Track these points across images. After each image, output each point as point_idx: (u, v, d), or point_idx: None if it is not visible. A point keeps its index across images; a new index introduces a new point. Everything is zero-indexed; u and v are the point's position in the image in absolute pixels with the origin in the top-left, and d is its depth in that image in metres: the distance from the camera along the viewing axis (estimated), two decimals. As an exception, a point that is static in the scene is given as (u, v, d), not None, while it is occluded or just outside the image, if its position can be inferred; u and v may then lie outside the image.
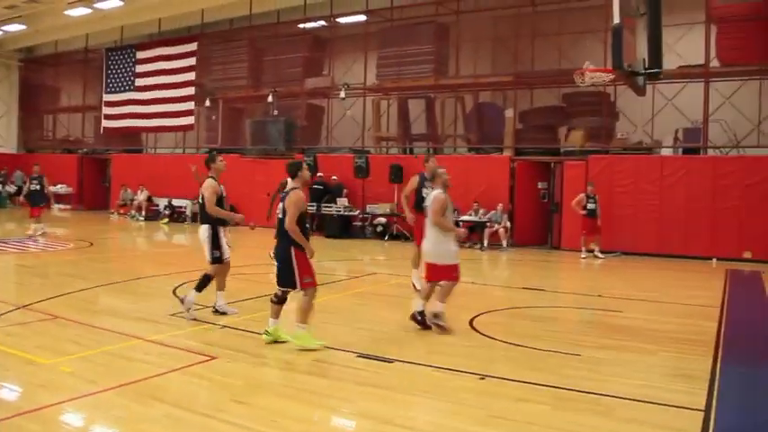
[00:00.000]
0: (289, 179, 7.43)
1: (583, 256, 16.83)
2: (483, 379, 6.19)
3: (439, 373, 6.40)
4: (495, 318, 9.35)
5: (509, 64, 20.72)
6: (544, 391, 5.88)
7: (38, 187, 19.14)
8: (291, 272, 7.11)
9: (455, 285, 8.20)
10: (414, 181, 10.79)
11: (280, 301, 7.31)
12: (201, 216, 8.88)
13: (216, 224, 8.66)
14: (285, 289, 7.29)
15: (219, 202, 8.60)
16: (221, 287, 8.84)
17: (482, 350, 7.76)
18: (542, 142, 20.09)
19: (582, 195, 17.03)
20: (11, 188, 31.85)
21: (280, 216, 7.21)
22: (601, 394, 5.79)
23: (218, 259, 8.66)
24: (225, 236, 8.78)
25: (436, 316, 8.04)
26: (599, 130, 19.02)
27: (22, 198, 19.53)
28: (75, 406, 5.30)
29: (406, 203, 10.91)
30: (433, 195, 8.27)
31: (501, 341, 7.82)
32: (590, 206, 16.82)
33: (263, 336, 7.26)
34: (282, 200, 7.23)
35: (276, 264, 7.30)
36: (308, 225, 7.32)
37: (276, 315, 7.31)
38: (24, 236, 18.28)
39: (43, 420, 4.96)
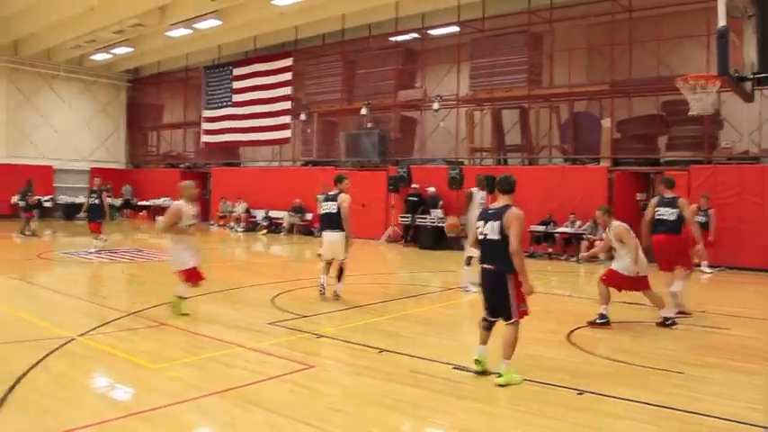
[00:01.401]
0: (498, 195, 6.81)
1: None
2: (581, 394, 6.07)
3: (536, 387, 6.31)
4: (593, 332, 9.15)
5: (605, 72, 20.27)
6: (645, 409, 5.71)
7: (96, 201, 18.34)
8: (507, 299, 6.41)
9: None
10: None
11: (489, 327, 6.71)
12: (334, 223, 10.68)
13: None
14: (496, 319, 6.65)
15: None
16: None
17: (580, 365, 7.60)
18: (641, 152, 19.49)
19: (694, 206, 16.39)
20: (117, 201, 33.56)
21: (489, 236, 6.47)
22: (704, 415, 5.59)
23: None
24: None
25: None
26: (701, 138, 18.31)
27: (83, 213, 18.80)
28: (179, 409, 5.54)
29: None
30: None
31: (600, 356, 7.66)
32: (699, 219, 16.13)
33: (474, 365, 6.64)
34: (492, 216, 6.51)
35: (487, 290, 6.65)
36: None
37: (485, 342, 6.69)
38: (128, 246, 19.07)
39: (151, 422, 5.22)
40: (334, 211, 10.72)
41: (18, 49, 31.05)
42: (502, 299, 6.43)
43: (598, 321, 9.39)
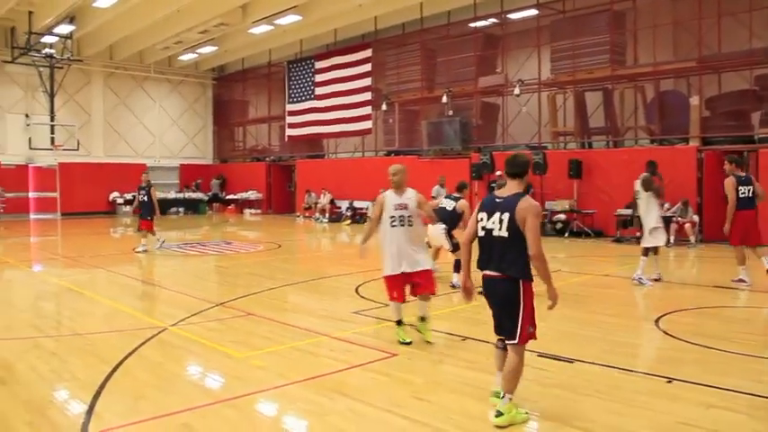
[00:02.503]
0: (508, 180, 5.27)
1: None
2: (670, 382, 5.90)
3: (622, 375, 6.18)
4: (682, 317, 8.87)
5: (692, 48, 19.46)
6: (738, 397, 5.50)
7: (145, 198, 16.81)
8: (515, 315, 5.10)
9: None
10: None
11: (506, 347, 5.33)
12: (444, 218, 10.73)
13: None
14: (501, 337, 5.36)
15: None
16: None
17: (669, 351, 7.40)
18: (733, 130, 18.67)
19: None
20: (205, 195, 34.73)
21: (499, 232, 5.05)
22: (804, 403, 5.34)
23: (456, 246, 10.51)
24: None
25: None
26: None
27: (134, 207, 17.26)
28: (265, 397, 5.72)
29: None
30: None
31: (689, 342, 7.40)
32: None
33: (491, 398, 5.33)
34: (500, 207, 5.06)
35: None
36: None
37: (502, 367, 5.33)
38: (217, 239, 19.62)
39: (239, 408, 5.40)
40: (450, 209, 11.04)
41: (112, 54, 32.51)
42: (509, 314, 5.10)
43: None
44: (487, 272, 5.12)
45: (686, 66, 19.52)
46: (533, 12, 22.78)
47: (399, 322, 7.36)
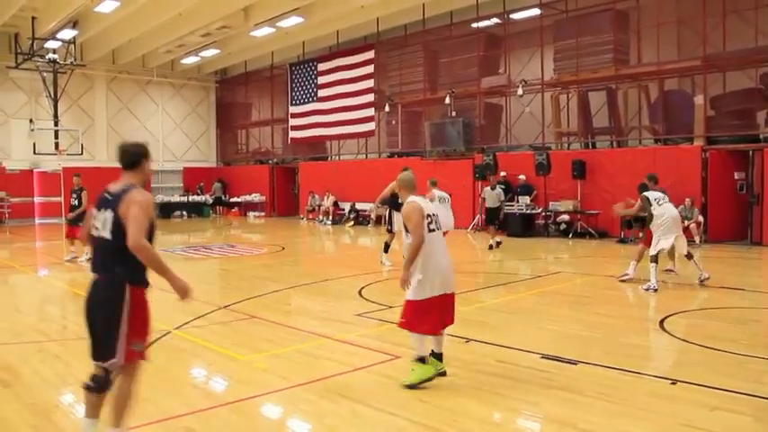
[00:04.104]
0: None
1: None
2: (674, 384, 5.89)
3: (626, 377, 6.16)
4: (687, 319, 8.85)
5: (696, 46, 19.39)
6: (743, 399, 5.48)
7: (75, 203, 15.31)
8: (113, 329, 4.25)
9: None
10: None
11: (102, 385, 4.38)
12: None
13: None
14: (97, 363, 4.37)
15: None
16: None
17: (673, 353, 7.39)
18: (738, 129, 18.60)
19: None
20: (209, 198, 34.89)
21: (101, 233, 4.35)
22: (809, 404, 5.32)
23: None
24: None
25: None
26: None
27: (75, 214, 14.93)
28: (268, 399, 5.73)
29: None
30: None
31: (694, 344, 7.38)
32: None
33: None
34: (110, 205, 4.34)
35: None
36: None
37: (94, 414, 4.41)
38: (221, 242, 19.63)
39: (242, 411, 5.41)
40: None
41: (115, 59, 32.60)
42: (106, 326, 4.25)
43: None
44: (94, 275, 4.39)
45: (691, 65, 19.45)
46: (536, 11, 22.74)
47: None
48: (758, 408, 5.33)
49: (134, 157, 4.52)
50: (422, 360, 5.94)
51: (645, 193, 11.21)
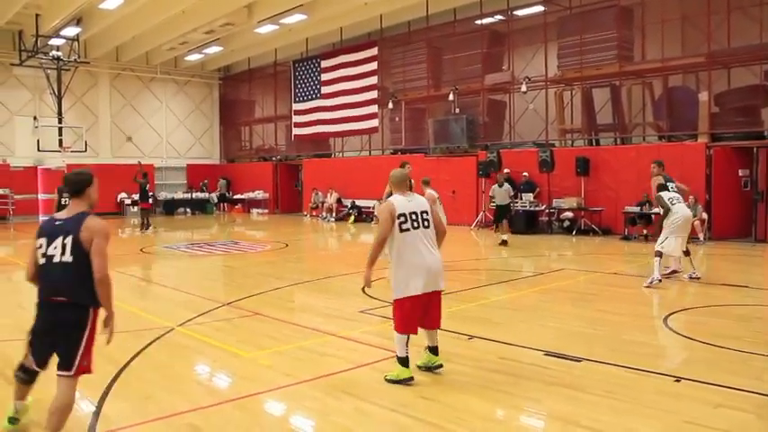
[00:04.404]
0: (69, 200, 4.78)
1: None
2: (678, 381, 5.87)
3: (630, 374, 6.15)
4: (691, 316, 8.84)
5: (701, 43, 19.33)
6: (746, 397, 5.46)
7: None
8: (77, 344, 4.50)
9: None
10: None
11: (29, 380, 4.89)
12: None
13: None
14: (38, 369, 4.74)
15: None
16: None
17: (677, 350, 7.38)
18: (742, 126, 18.54)
19: None
20: (213, 195, 34.94)
21: (60, 258, 4.48)
22: (813, 402, 5.30)
23: None
24: None
25: None
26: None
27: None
28: (272, 396, 5.73)
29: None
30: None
31: (698, 341, 7.36)
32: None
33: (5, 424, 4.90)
34: (64, 231, 4.51)
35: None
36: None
37: (22, 397, 4.96)
38: (224, 239, 19.62)
39: (245, 408, 5.41)
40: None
41: (119, 56, 32.62)
42: (69, 343, 4.49)
43: None
44: (51, 298, 4.49)
45: (695, 61, 19.39)
46: (540, 8, 22.71)
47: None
48: (761, 405, 5.31)
49: (79, 185, 4.71)
50: (400, 360, 5.92)
51: (660, 193, 11.19)
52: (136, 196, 29.83)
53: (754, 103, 18.59)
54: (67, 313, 4.48)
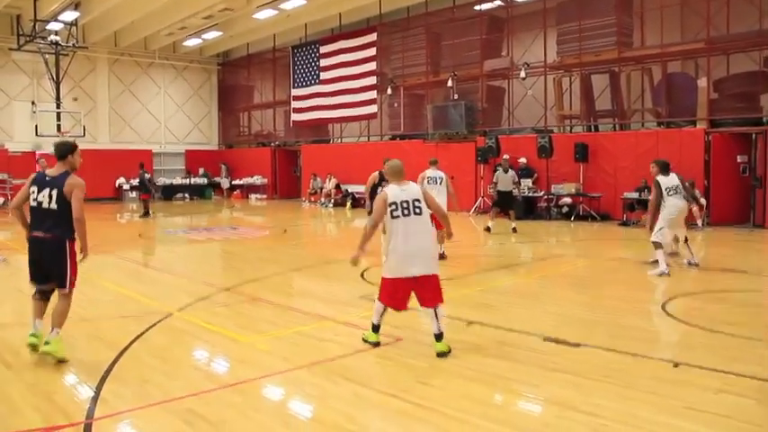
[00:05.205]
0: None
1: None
2: (677, 367, 5.88)
3: (629, 359, 6.15)
4: (690, 302, 8.84)
5: (700, 29, 19.26)
6: (747, 382, 5.46)
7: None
8: (64, 268, 6.15)
9: None
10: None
11: (45, 298, 6.42)
12: None
13: None
14: (48, 286, 6.33)
15: None
16: None
17: (676, 336, 7.39)
18: (741, 112, 18.52)
19: None
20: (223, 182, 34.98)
21: (47, 205, 6.09)
22: (812, 388, 5.31)
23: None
24: None
25: None
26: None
27: None
28: (270, 381, 5.73)
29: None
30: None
31: (697, 327, 7.38)
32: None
33: (29, 338, 6.25)
34: (51, 185, 6.10)
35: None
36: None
37: (40, 315, 6.36)
38: (223, 225, 19.60)
39: (244, 393, 5.41)
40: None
41: (117, 41, 32.45)
42: (59, 268, 6.13)
43: None
44: (37, 233, 6.15)
45: (694, 47, 19.34)
46: (539, -6, 22.61)
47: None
48: (761, 390, 5.32)
49: (64, 151, 6.23)
50: (372, 326, 6.68)
51: (658, 178, 10.94)
52: (134, 182, 29.99)
53: (753, 89, 18.55)
54: (50, 245, 6.13)
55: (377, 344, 6.62)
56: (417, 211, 6.46)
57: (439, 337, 6.36)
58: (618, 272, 11.56)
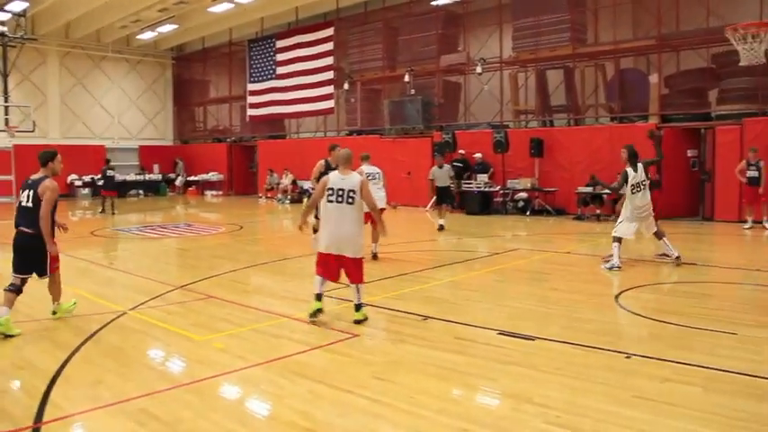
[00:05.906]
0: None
1: (746, 226, 15.88)
2: (629, 358, 5.99)
3: (582, 351, 6.25)
4: (641, 294, 9.01)
5: (651, 26, 19.65)
6: (695, 371, 5.60)
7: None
8: (42, 259, 7.23)
9: None
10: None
11: (17, 289, 7.26)
12: None
13: None
14: (27, 276, 7.33)
15: None
16: None
17: (628, 328, 7.54)
18: (691, 107, 18.93)
19: (743, 162, 16.02)
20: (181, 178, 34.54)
21: (27, 203, 7.20)
22: (758, 377, 5.45)
23: None
24: None
25: None
26: (754, 90, 17.62)
27: None
28: (226, 380, 5.67)
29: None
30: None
31: (648, 318, 7.54)
32: (750, 173, 15.78)
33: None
34: (31, 187, 7.24)
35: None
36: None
37: (9, 304, 7.10)
38: (178, 222, 19.30)
39: (199, 392, 5.35)
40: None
41: (69, 33, 31.65)
42: (37, 259, 7.22)
43: None
44: (21, 228, 7.24)
45: (646, 44, 19.72)
46: (495, -10, 22.74)
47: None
48: (709, 378, 5.46)
49: (45, 158, 7.37)
50: (315, 296, 7.49)
51: (627, 171, 10.89)
52: (87, 178, 29.49)
53: (702, 85, 19.01)
54: (27, 238, 7.20)
55: (319, 310, 7.44)
56: (350, 200, 7.33)
57: (358, 307, 7.41)
58: (573, 265, 11.73)
